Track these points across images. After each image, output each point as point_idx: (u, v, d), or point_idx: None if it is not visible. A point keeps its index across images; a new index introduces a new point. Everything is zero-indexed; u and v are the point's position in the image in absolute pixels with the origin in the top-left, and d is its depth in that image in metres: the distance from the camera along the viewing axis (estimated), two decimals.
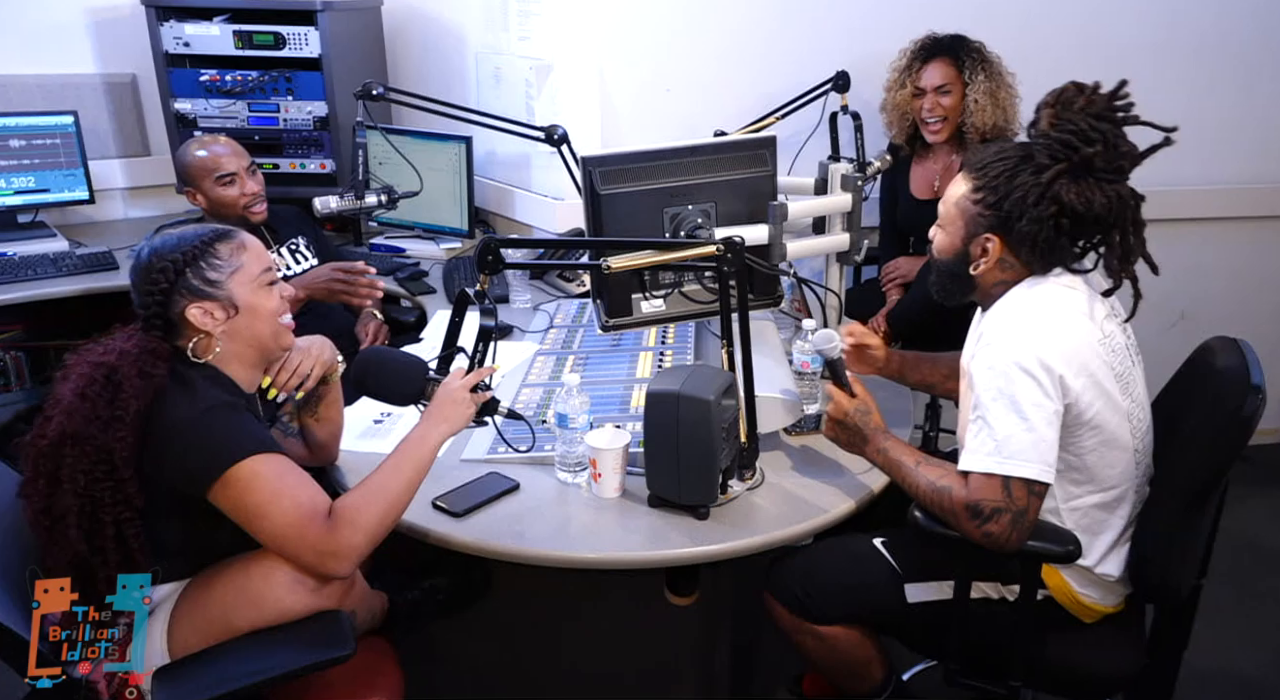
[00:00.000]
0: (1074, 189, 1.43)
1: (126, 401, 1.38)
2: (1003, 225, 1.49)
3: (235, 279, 1.48)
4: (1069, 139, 1.44)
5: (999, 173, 1.48)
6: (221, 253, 1.49)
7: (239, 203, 2.35)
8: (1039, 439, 1.41)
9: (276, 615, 1.41)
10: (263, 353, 1.54)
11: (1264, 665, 2.33)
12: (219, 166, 2.33)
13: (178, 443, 1.39)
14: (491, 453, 1.77)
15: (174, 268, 1.45)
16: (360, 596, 1.59)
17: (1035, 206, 1.45)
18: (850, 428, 1.64)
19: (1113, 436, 1.49)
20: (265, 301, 1.51)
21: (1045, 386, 1.41)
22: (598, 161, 1.75)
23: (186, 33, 2.84)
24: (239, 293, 1.48)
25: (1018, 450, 1.41)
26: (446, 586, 1.87)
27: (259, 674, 1.36)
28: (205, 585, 1.45)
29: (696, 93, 2.81)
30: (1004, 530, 1.42)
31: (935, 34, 2.58)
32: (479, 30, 3.03)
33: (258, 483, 1.38)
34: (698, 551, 1.53)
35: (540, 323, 2.40)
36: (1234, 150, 3.01)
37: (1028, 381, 1.41)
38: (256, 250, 1.53)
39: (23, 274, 2.66)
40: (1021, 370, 1.42)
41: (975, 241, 1.53)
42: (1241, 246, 3.11)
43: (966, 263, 1.55)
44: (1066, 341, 1.45)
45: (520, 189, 3.03)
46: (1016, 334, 1.46)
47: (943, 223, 1.59)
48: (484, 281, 1.53)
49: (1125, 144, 1.46)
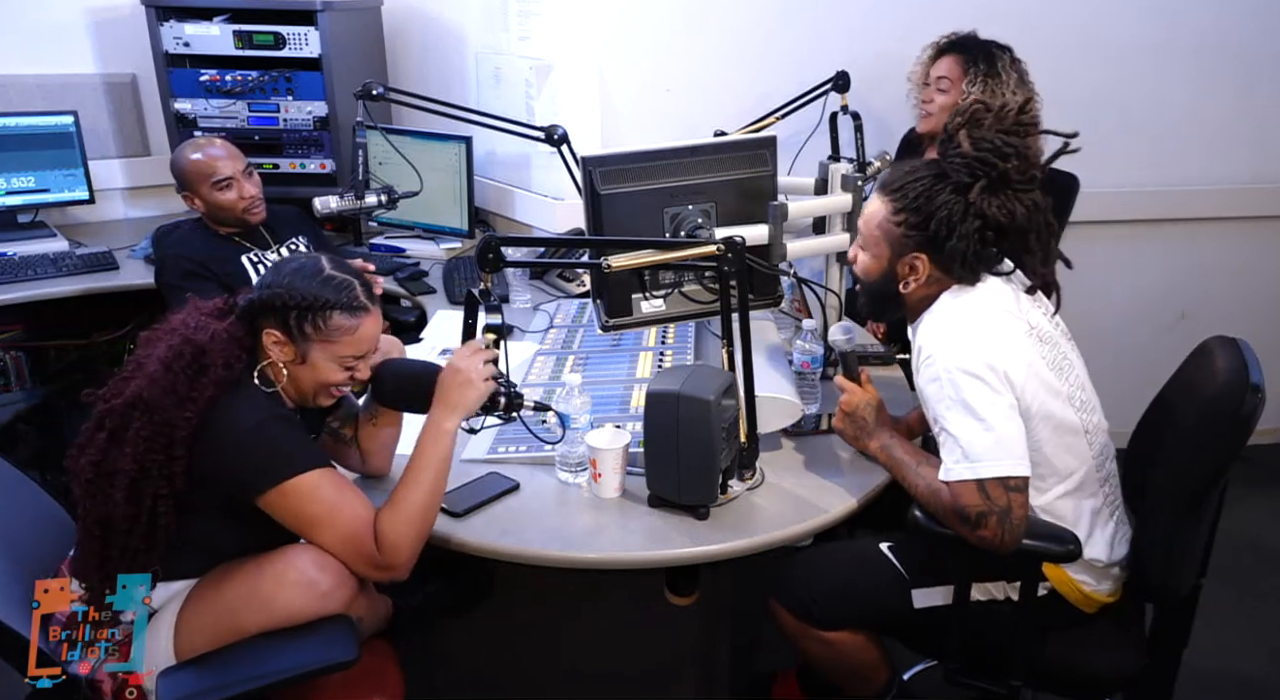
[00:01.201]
0: (994, 202, 1.49)
1: (205, 386, 1.40)
2: (930, 243, 1.53)
3: (323, 347, 1.49)
4: (985, 155, 1.49)
5: (918, 193, 1.53)
6: (333, 321, 1.47)
7: (237, 207, 2.32)
8: (1000, 436, 1.44)
9: (286, 618, 1.41)
10: (300, 398, 1.54)
11: (1264, 665, 2.33)
12: (215, 171, 2.28)
13: (237, 445, 1.40)
14: (491, 453, 1.77)
15: (290, 302, 1.45)
16: (367, 601, 1.60)
17: (961, 223, 1.50)
18: (858, 421, 1.66)
19: (1062, 422, 1.52)
20: (330, 375, 1.51)
21: (992, 383, 1.45)
22: (598, 161, 1.75)
23: (186, 33, 2.84)
24: (316, 355, 1.49)
25: (982, 451, 1.44)
26: (449, 589, 1.87)
27: (262, 678, 1.37)
28: (214, 586, 1.46)
29: (696, 93, 2.81)
30: (994, 533, 1.43)
31: (974, 34, 2.56)
32: (479, 30, 3.03)
33: (318, 495, 1.42)
34: (698, 551, 1.53)
35: (540, 323, 2.40)
36: (1234, 150, 3.01)
37: (974, 383, 1.45)
38: (360, 336, 1.50)
39: (23, 274, 2.66)
40: (966, 374, 1.45)
41: (902, 261, 1.56)
42: (1241, 246, 3.11)
43: (894, 282, 1.59)
44: (1000, 339, 1.49)
45: (520, 189, 3.03)
46: (952, 342, 1.50)
47: (865, 244, 1.62)
48: (485, 280, 1.53)
49: (1033, 155, 1.53)
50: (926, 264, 1.55)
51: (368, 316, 1.51)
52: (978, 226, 1.49)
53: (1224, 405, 1.46)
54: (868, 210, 1.61)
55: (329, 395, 1.55)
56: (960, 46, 2.52)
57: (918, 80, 2.60)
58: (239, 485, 1.41)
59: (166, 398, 1.38)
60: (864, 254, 1.62)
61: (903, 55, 2.68)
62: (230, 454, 1.40)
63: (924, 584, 1.63)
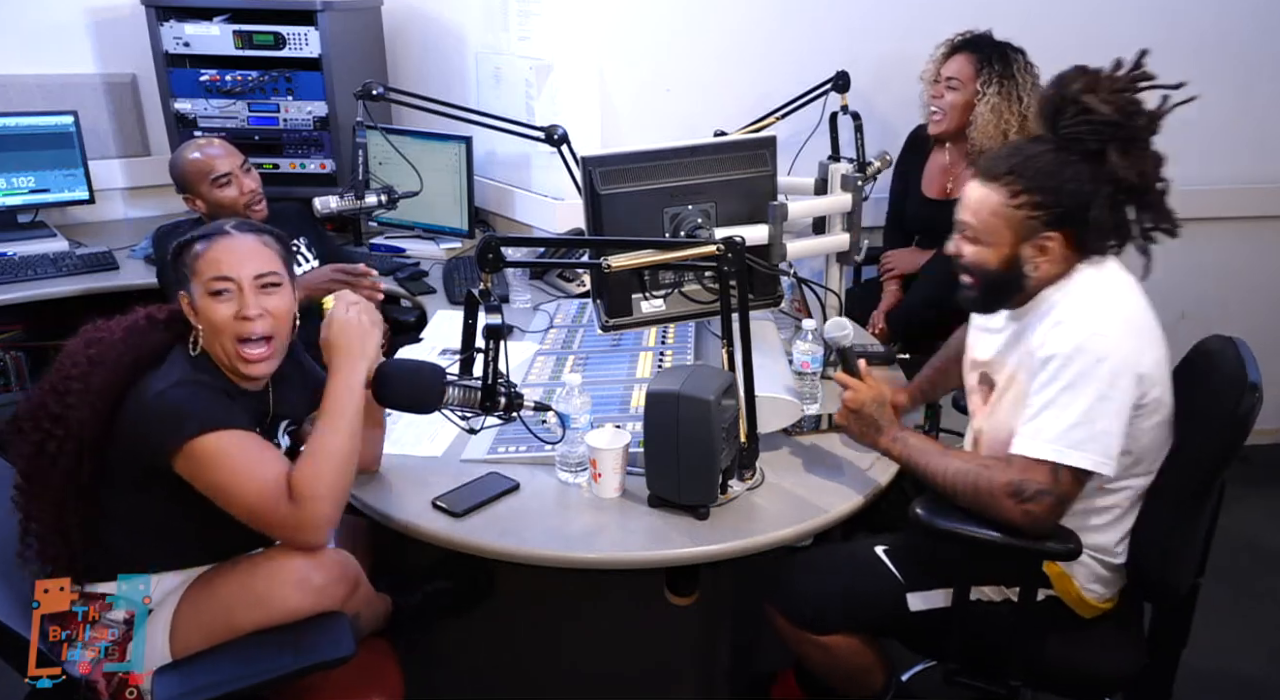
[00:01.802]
0: (1125, 163, 1.43)
1: (95, 375, 1.42)
2: (1063, 220, 1.46)
3: (193, 280, 1.50)
4: (1114, 117, 1.44)
5: (1039, 170, 1.45)
6: (193, 250, 1.50)
7: (239, 202, 2.32)
8: (1103, 430, 1.41)
9: (281, 615, 1.41)
10: (225, 361, 1.51)
11: (1263, 665, 2.33)
12: (213, 168, 2.28)
13: (140, 412, 1.41)
14: (491, 453, 1.77)
15: (171, 254, 1.52)
16: (364, 599, 1.60)
17: (1095, 192, 1.44)
18: (865, 418, 1.64)
19: (1166, 416, 1.51)
20: (209, 311, 1.48)
21: (1123, 382, 1.41)
22: (598, 161, 1.76)
23: (186, 33, 2.84)
24: (195, 294, 1.50)
25: (1082, 440, 1.40)
26: (449, 589, 1.87)
27: (259, 675, 1.37)
28: (209, 584, 1.46)
29: (696, 93, 2.81)
30: (1044, 511, 1.42)
31: (989, 34, 2.55)
32: (479, 30, 3.03)
33: (221, 460, 1.39)
34: (698, 551, 1.53)
35: (540, 323, 2.40)
36: (1234, 150, 3.01)
37: (1105, 373, 1.40)
38: (214, 255, 1.48)
39: (23, 274, 2.66)
40: (1100, 360, 1.40)
41: (1030, 244, 1.49)
42: (1241, 246, 3.11)
43: (1019, 267, 1.50)
44: (1147, 335, 1.47)
45: (520, 189, 3.03)
46: (1100, 322, 1.44)
47: (978, 237, 1.52)
48: (485, 280, 1.53)
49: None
50: (1060, 243, 1.48)
51: (221, 237, 1.50)
52: (1109, 192, 1.44)
53: (1222, 404, 1.46)
54: (973, 201, 1.51)
55: (243, 359, 1.49)
56: (973, 45, 2.52)
57: (928, 78, 2.59)
58: (153, 456, 1.40)
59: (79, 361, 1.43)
60: (976, 247, 1.52)
61: (903, 55, 2.68)
62: (134, 421, 1.41)
63: (920, 587, 1.62)
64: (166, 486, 1.42)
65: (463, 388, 1.52)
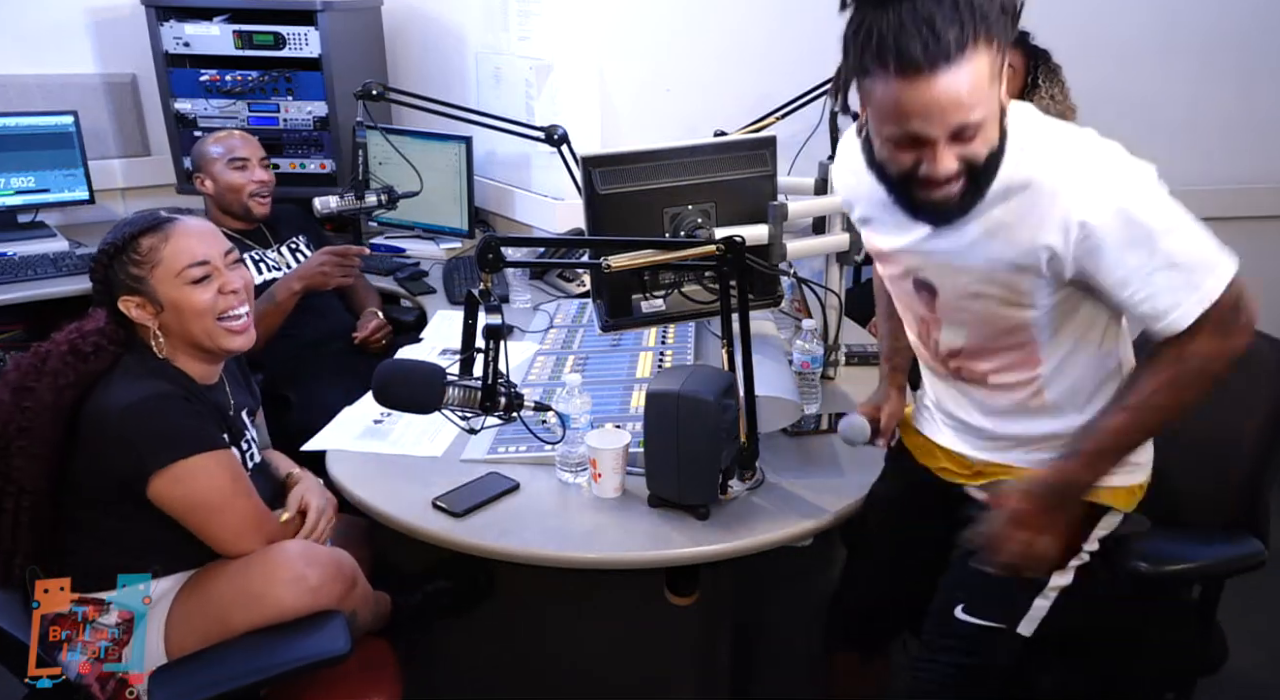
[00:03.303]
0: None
1: (41, 391, 1.39)
2: (1012, 33, 1.15)
3: (155, 275, 1.46)
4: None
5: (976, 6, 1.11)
6: (143, 247, 1.47)
7: (245, 188, 2.39)
8: (1204, 236, 1.24)
9: (276, 614, 1.41)
10: (204, 351, 1.51)
11: (1263, 665, 2.32)
12: (232, 150, 2.40)
13: (117, 428, 1.38)
14: (491, 452, 1.77)
15: (105, 259, 1.47)
16: (362, 597, 1.59)
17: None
18: (1041, 499, 1.28)
19: None
20: (190, 298, 1.47)
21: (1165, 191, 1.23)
22: (598, 161, 1.75)
23: (186, 33, 2.84)
24: (163, 290, 1.47)
25: (1205, 260, 1.23)
26: (449, 589, 1.87)
27: (257, 673, 1.37)
28: (203, 584, 1.46)
29: (696, 93, 2.81)
30: (1246, 329, 1.25)
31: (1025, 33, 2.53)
32: (479, 30, 3.03)
33: (209, 480, 1.41)
34: (698, 551, 1.52)
35: (540, 323, 2.40)
36: (1234, 150, 3.01)
37: (1159, 192, 1.22)
38: (181, 243, 1.47)
39: (23, 274, 2.66)
40: (1145, 188, 1.21)
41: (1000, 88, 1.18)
42: (1241, 246, 3.09)
43: (1005, 125, 1.20)
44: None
45: (520, 189, 3.03)
46: (1091, 159, 1.22)
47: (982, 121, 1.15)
48: (485, 280, 1.53)
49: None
50: (1011, 56, 1.19)
51: (175, 224, 1.49)
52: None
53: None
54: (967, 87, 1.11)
55: (223, 332, 1.50)
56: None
57: None
58: (126, 469, 1.39)
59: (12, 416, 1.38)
60: (982, 134, 1.17)
61: None
62: (111, 439, 1.38)
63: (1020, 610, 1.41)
64: (139, 503, 1.41)
65: (463, 388, 1.52)
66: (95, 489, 1.42)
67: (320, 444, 1.82)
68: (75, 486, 1.43)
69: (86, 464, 1.40)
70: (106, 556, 1.44)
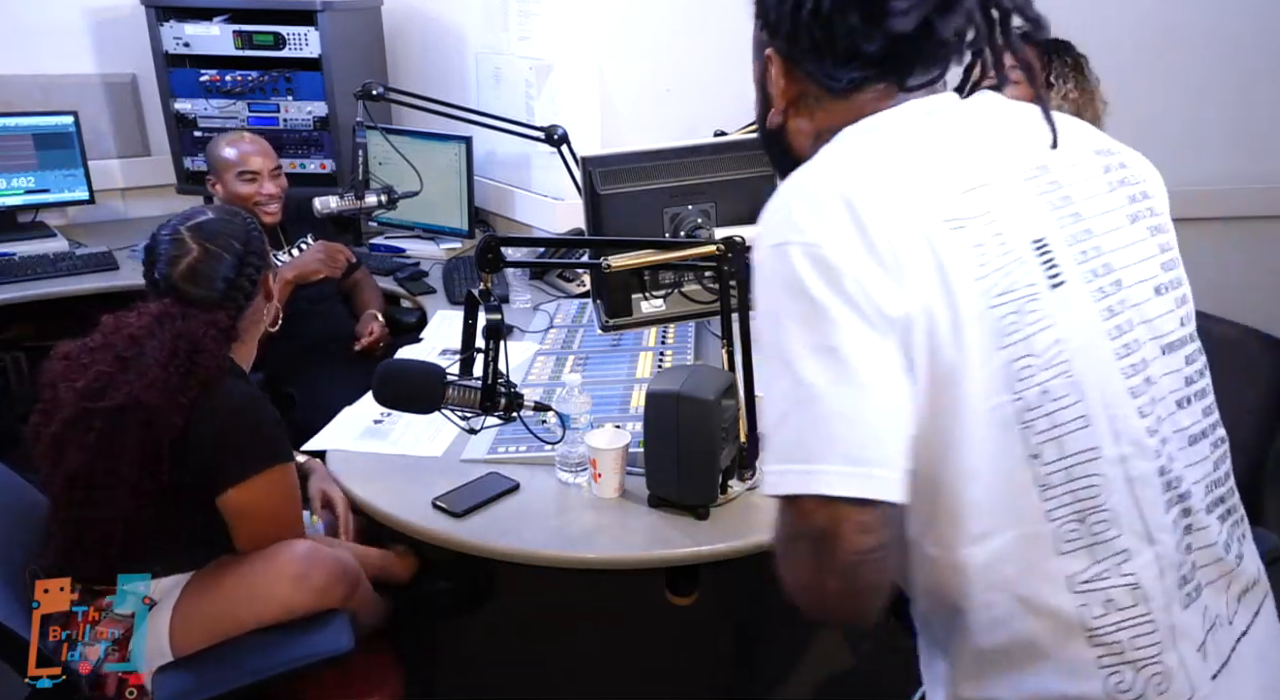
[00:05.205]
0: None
1: (192, 387, 1.39)
2: (770, 25, 0.91)
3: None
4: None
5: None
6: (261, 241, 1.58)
7: (250, 199, 2.40)
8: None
9: (282, 612, 1.42)
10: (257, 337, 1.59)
11: None
12: (245, 164, 2.40)
13: (233, 427, 1.42)
14: (491, 452, 1.77)
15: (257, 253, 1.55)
16: (364, 598, 1.60)
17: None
18: None
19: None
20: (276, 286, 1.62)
21: None
22: (598, 161, 1.75)
23: (186, 33, 2.84)
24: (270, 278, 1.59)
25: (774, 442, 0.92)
26: (449, 590, 1.87)
27: (259, 672, 1.37)
28: (209, 582, 1.46)
29: (696, 93, 2.81)
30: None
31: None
32: (479, 30, 3.03)
33: (287, 491, 1.47)
34: (698, 551, 1.52)
35: (540, 323, 2.40)
36: (1234, 150, 3.00)
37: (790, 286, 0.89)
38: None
39: (23, 274, 2.66)
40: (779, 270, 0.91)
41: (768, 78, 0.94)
42: (1241, 246, 3.10)
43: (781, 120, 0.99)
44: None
45: (520, 189, 3.03)
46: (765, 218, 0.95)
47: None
48: (485, 280, 1.53)
49: None
50: (779, 68, 0.95)
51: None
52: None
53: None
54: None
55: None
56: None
57: None
58: (219, 472, 1.41)
59: (164, 401, 1.38)
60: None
61: None
62: (215, 440, 1.41)
63: None
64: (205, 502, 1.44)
65: (463, 388, 1.52)
66: (187, 489, 1.43)
67: (320, 444, 1.82)
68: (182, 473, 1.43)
69: (191, 465, 1.41)
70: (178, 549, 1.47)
